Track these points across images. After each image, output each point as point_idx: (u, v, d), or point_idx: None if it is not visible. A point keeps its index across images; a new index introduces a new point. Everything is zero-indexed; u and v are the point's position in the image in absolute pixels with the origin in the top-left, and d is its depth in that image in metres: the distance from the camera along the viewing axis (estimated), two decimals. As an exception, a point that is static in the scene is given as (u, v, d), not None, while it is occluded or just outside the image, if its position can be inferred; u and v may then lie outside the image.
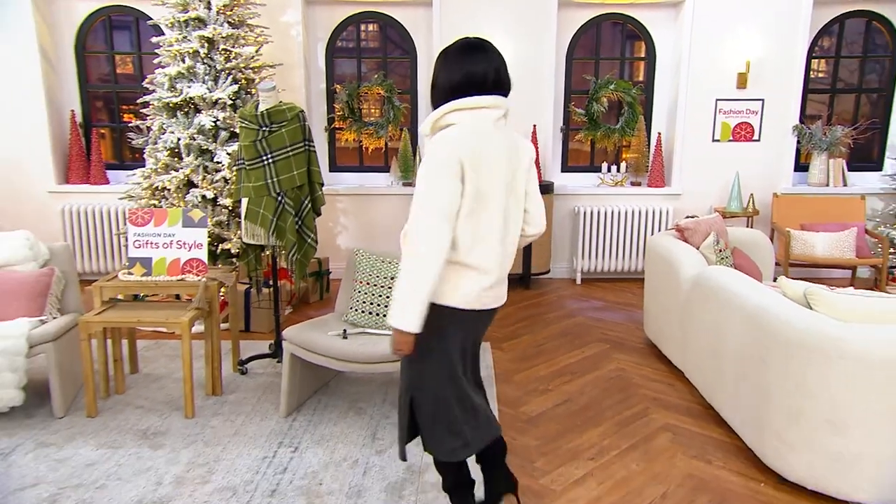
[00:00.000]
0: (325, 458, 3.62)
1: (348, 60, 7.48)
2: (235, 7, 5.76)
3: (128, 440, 3.83)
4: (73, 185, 7.21)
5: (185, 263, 4.27)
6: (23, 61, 6.95)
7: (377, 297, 4.25)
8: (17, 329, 3.92)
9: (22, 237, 4.42)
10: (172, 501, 3.23)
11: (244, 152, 4.45)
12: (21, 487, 3.36)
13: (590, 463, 3.64)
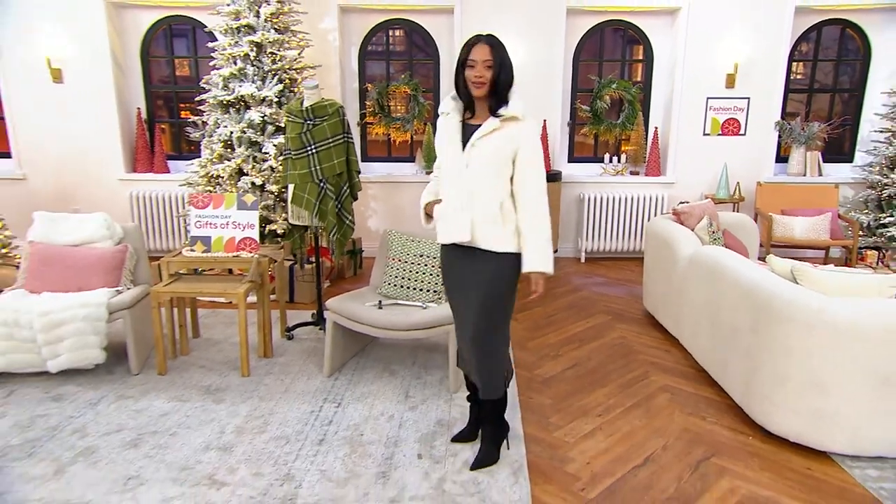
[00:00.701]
0: (364, 413, 3.66)
1: (378, 62, 7.46)
2: (281, 15, 5.75)
3: (193, 395, 3.88)
4: (139, 174, 7.28)
5: (239, 242, 4.31)
6: (97, 65, 7.00)
7: (408, 273, 4.27)
8: (99, 298, 3.99)
9: (100, 218, 4.47)
10: (234, 448, 3.29)
11: (290, 143, 4.46)
12: (108, 432, 3.45)
13: (598, 419, 3.66)
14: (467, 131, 2.80)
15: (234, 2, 5.65)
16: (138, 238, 4.61)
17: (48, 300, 3.93)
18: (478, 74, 2.69)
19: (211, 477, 3.02)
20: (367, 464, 3.14)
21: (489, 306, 2.89)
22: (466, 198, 2.80)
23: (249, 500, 2.84)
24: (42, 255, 4.24)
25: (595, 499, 2.92)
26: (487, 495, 2.91)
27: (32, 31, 6.88)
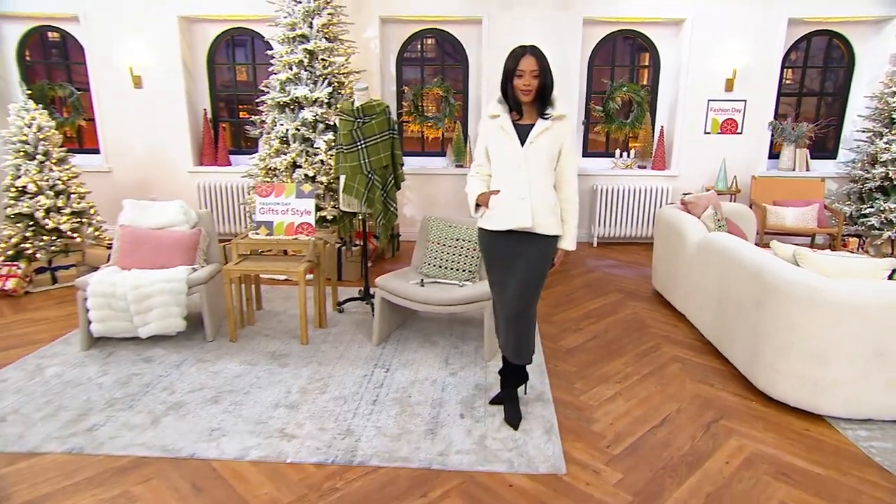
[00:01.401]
0: (410, 377, 3.69)
1: (413, 67, 7.43)
2: (331, 26, 5.75)
3: (261, 359, 3.93)
4: (205, 167, 7.33)
5: (297, 226, 4.33)
6: (171, 72, 7.05)
7: (446, 254, 4.29)
8: (180, 274, 4.05)
9: (178, 205, 4.52)
10: (300, 405, 3.33)
11: (342, 139, 4.47)
12: (192, 390, 3.52)
13: (617, 385, 3.67)
14: (520, 131, 2.84)
15: (291, 14, 5.65)
16: (209, 222, 4.66)
17: (138, 276, 3.99)
18: (526, 83, 2.76)
19: (282, 430, 3.07)
20: (416, 422, 3.17)
21: (532, 283, 2.96)
22: (527, 189, 2.84)
23: (316, 451, 2.89)
24: (131, 237, 4.30)
25: (619, 455, 2.94)
26: (524, 451, 2.93)
27: (118, 44, 6.94)
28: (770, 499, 2.63)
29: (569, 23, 6.85)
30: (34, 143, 5.37)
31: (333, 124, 5.73)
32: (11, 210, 5.36)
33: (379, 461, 2.82)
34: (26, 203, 5.32)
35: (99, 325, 3.94)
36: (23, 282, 5.19)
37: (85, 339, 4.04)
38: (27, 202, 5.33)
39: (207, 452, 2.86)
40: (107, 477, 2.70)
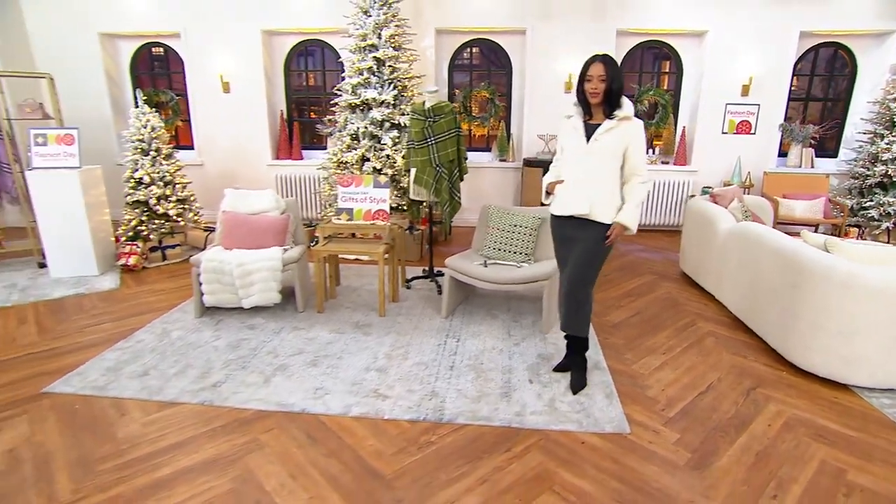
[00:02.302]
0: (480, 346, 3.66)
1: (462, 72, 7.33)
2: (397, 36, 5.67)
3: (347, 328, 3.94)
4: (281, 160, 7.35)
5: (374, 213, 4.32)
6: (253, 79, 7.07)
7: (505, 239, 4.24)
8: (276, 254, 4.06)
9: (270, 194, 4.53)
10: (388, 370, 3.33)
11: (414, 136, 4.44)
12: (292, 354, 3.54)
13: (663, 356, 3.61)
14: (588, 129, 2.80)
15: (363, 27, 5.59)
16: (296, 209, 4.66)
17: (242, 255, 4.01)
18: (593, 87, 2.72)
19: (376, 391, 3.07)
20: (491, 386, 3.15)
21: (586, 264, 2.94)
22: (587, 180, 2.80)
23: (408, 410, 2.89)
24: (232, 221, 4.32)
25: (673, 417, 2.89)
26: (590, 412, 2.90)
27: (211, 55, 6.98)
28: (813, 457, 2.58)
29: (603, 34, 6.69)
30: (148, 141, 5.43)
31: (398, 123, 5.69)
32: (130, 198, 5.45)
33: (464, 419, 2.81)
34: (142, 192, 5.40)
35: (210, 297, 3.98)
36: (141, 258, 5.27)
37: (198, 308, 4.09)
38: (143, 191, 5.40)
39: (315, 408, 2.88)
40: (236, 426, 2.74)
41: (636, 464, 2.51)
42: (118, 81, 7.40)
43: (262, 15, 6.82)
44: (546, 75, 6.85)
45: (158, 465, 2.44)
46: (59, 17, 6.95)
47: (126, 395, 3.01)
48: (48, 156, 4.81)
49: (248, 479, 2.35)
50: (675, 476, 2.43)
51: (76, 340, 3.75)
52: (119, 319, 4.11)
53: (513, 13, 6.68)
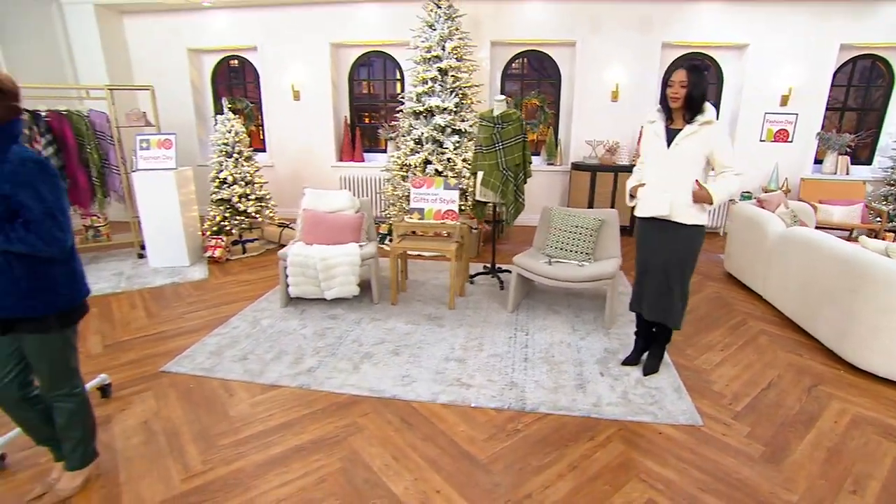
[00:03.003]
0: (548, 340, 3.62)
1: (513, 81, 7.26)
2: (459, 48, 5.63)
3: (422, 320, 3.93)
4: (344, 162, 7.39)
5: (444, 213, 4.30)
6: (321, 87, 7.13)
7: (566, 238, 4.17)
8: (355, 249, 4.08)
9: (346, 194, 4.56)
10: (466, 360, 3.32)
11: (482, 141, 4.40)
12: (375, 343, 3.54)
13: (721, 353, 3.52)
14: (670, 134, 2.72)
15: (428, 39, 5.57)
16: (369, 208, 4.68)
17: (324, 250, 4.04)
18: (674, 92, 2.65)
19: (458, 380, 3.06)
20: (565, 378, 3.10)
21: (675, 263, 2.85)
22: (668, 184, 2.74)
23: (492, 399, 2.87)
24: (312, 219, 4.36)
25: (742, 411, 2.81)
26: (663, 405, 2.84)
27: (284, 66, 7.06)
28: (885, 455, 2.48)
29: (649, 46, 6.55)
30: (232, 145, 5.52)
31: (459, 129, 5.66)
32: (215, 196, 5.55)
33: (546, 409, 2.77)
34: (226, 191, 5.49)
35: (294, 288, 4.02)
36: (225, 251, 5.36)
37: (283, 298, 4.14)
38: (226, 190, 5.49)
39: (406, 395, 2.88)
40: (334, 409, 2.75)
41: (714, 455, 2.45)
42: (201, 91, 7.55)
43: (331, 29, 6.85)
44: (594, 85, 6.73)
45: (271, 443, 2.48)
46: (154, 36, 7.15)
47: (231, 377, 3.06)
48: (150, 158, 4.92)
49: (354, 460, 2.37)
50: (753, 468, 2.36)
51: (179, 325, 3.83)
52: (213, 307, 4.18)
53: (564, 26, 6.57)
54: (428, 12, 5.63)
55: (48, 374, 1.99)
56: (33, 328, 1.89)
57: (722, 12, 6.35)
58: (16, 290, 1.81)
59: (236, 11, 6.92)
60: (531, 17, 6.59)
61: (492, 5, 6.56)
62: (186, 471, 2.28)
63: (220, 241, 5.34)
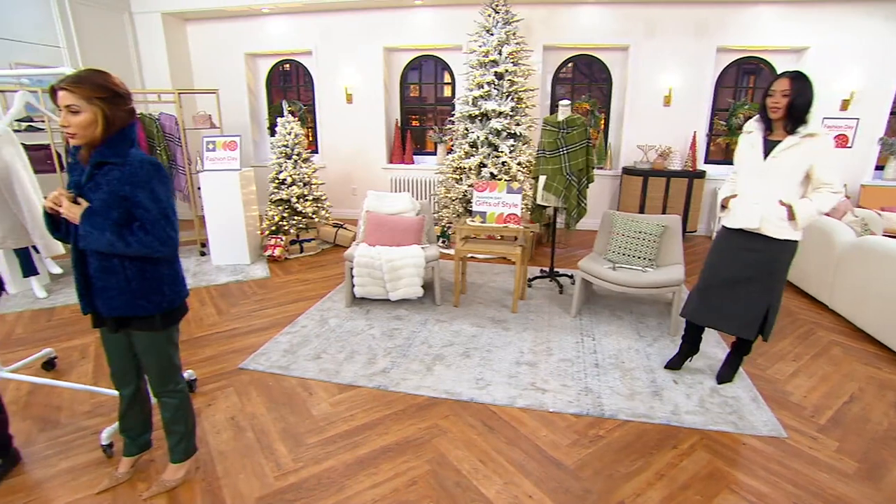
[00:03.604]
0: (616, 346, 3.56)
1: (562, 85, 7.18)
2: (516, 52, 5.60)
3: (486, 323, 3.91)
4: (395, 164, 7.42)
5: (506, 217, 4.27)
6: (373, 91, 7.18)
7: (629, 244, 4.10)
8: (419, 252, 4.09)
9: (407, 196, 4.57)
10: (537, 364, 3.29)
11: (546, 146, 4.37)
12: (444, 345, 3.54)
13: (793, 363, 3.41)
14: (767, 145, 2.62)
15: (486, 44, 5.56)
16: (428, 210, 4.68)
17: (390, 251, 4.06)
18: (775, 101, 2.53)
19: (533, 384, 3.03)
20: (638, 385, 3.05)
21: (765, 276, 2.74)
22: (761, 196, 2.64)
23: (569, 404, 2.83)
24: (375, 221, 4.38)
25: (826, 425, 2.72)
26: (742, 414, 2.77)
27: (338, 70, 7.14)
28: None
29: (704, 50, 6.40)
30: (291, 146, 5.59)
31: (515, 133, 5.63)
32: (274, 196, 5.63)
33: (625, 416, 2.73)
34: (284, 192, 5.56)
35: (360, 289, 4.05)
36: (284, 250, 5.44)
37: (349, 298, 4.17)
38: (285, 191, 5.57)
39: (482, 398, 2.87)
40: (414, 411, 2.76)
41: (804, 469, 2.37)
42: (255, 94, 7.69)
43: (385, 33, 6.90)
44: (646, 89, 6.62)
45: (357, 443, 2.49)
46: (214, 41, 7.32)
47: (308, 375, 3.09)
48: (216, 159, 5.03)
49: (442, 462, 2.36)
50: (849, 485, 2.28)
51: (249, 323, 3.89)
52: (279, 305, 4.24)
53: (617, 30, 6.48)
54: (485, 17, 5.61)
55: (156, 370, 2.04)
56: (143, 326, 1.94)
57: (781, 15, 6.17)
58: (128, 290, 1.86)
59: (293, 17, 7.03)
60: (584, 21, 6.52)
61: (544, 9, 6.51)
62: (279, 468, 2.31)
63: (280, 240, 5.42)
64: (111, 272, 1.82)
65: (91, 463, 2.36)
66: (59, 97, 1.69)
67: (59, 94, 1.69)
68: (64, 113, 1.69)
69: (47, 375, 3.12)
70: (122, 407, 2.18)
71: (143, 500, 2.13)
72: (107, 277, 1.83)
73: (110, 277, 1.82)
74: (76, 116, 1.68)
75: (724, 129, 6.86)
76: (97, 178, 1.76)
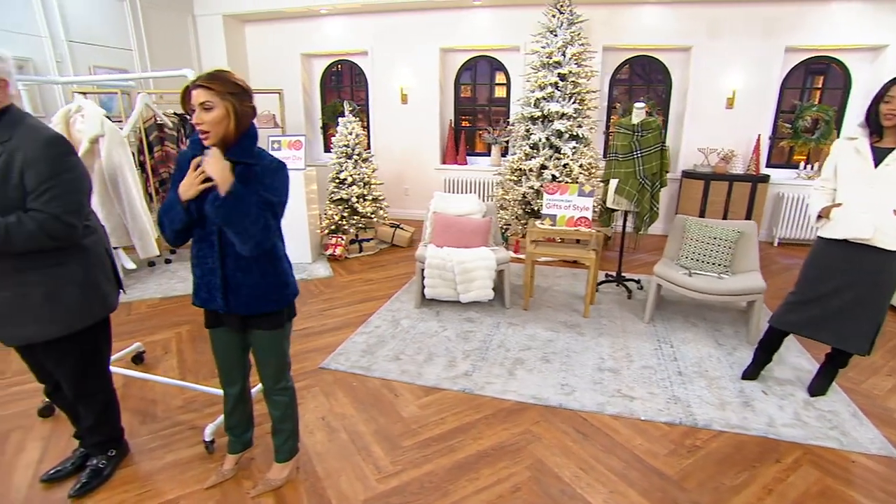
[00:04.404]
0: (696, 354, 3.49)
1: (621, 87, 7.08)
2: (580, 54, 5.53)
3: (559, 327, 3.87)
4: (448, 165, 7.42)
5: (577, 220, 4.22)
6: (428, 91, 7.21)
7: (703, 249, 4.00)
8: (490, 254, 4.08)
9: (474, 198, 4.56)
10: (620, 371, 3.24)
11: (619, 149, 4.31)
12: (521, 349, 3.51)
13: (889, 378, 3.28)
14: (877, 153, 2.52)
15: (550, 45, 5.51)
16: (494, 212, 4.66)
17: (461, 253, 4.05)
18: (891, 108, 2.43)
19: (619, 391, 2.99)
20: (726, 395, 2.98)
21: (874, 289, 2.64)
22: (871, 205, 2.53)
23: (659, 412, 2.78)
24: (442, 222, 4.38)
25: (938, 445, 2.59)
26: (845, 430, 2.67)
27: (393, 70, 7.19)
28: None
29: (771, 50, 6.22)
30: (352, 146, 5.64)
31: (577, 134, 5.57)
32: (334, 195, 5.69)
33: (719, 427, 2.66)
34: (344, 191, 5.62)
35: (430, 290, 4.05)
36: (345, 250, 5.50)
37: (418, 299, 4.19)
38: (345, 190, 5.62)
39: (570, 404, 2.84)
40: (504, 416, 2.74)
41: (924, 492, 2.27)
42: (310, 93, 7.80)
43: (442, 34, 6.91)
44: (708, 91, 6.47)
45: (453, 447, 2.49)
46: (272, 42, 7.47)
47: (390, 377, 3.11)
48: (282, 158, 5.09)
49: (541, 469, 2.34)
50: (973, 509, 2.17)
51: (322, 322, 3.94)
52: (348, 305, 4.28)
53: (680, 31, 6.36)
54: (549, 18, 5.57)
55: (273, 368, 2.07)
56: (269, 323, 1.97)
57: (858, 12, 5.94)
58: (263, 286, 1.89)
59: (351, 17, 7.10)
60: (646, 21, 6.41)
61: (604, 10, 6.42)
62: (379, 471, 2.32)
63: (340, 239, 5.47)
64: (248, 270, 1.86)
65: (194, 458, 2.42)
66: (194, 95, 1.71)
67: (193, 93, 1.72)
68: (198, 111, 1.71)
69: (137, 369, 3.21)
70: (228, 406, 2.21)
71: (250, 498, 2.16)
72: (243, 276, 1.86)
73: (247, 275, 1.86)
74: (209, 113, 1.70)
75: (788, 132, 6.65)
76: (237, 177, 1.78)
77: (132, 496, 2.18)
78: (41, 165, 1.75)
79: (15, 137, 1.76)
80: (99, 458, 2.31)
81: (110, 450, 2.34)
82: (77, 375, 2.10)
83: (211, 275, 1.87)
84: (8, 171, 1.73)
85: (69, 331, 1.96)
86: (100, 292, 2.05)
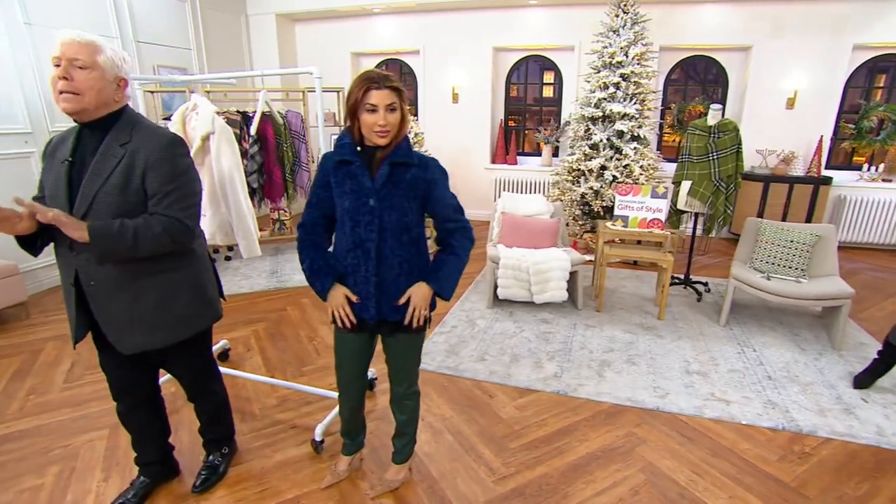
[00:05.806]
0: (781, 358, 3.47)
1: (674, 87, 7.03)
2: (642, 55, 5.51)
3: (637, 330, 3.87)
4: (498, 164, 7.44)
5: (649, 221, 4.21)
6: (480, 90, 7.23)
7: (778, 253, 3.97)
8: (564, 255, 4.09)
9: (541, 198, 4.59)
10: (708, 374, 3.23)
11: (693, 151, 4.31)
12: (604, 351, 3.52)
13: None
14: None
15: (612, 45, 5.50)
16: (561, 212, 4.68)
17: (534, 254, 4.07)
18: None
19: (712, 394, 2.99)
20: (824, 401, 2.96)
21: None
22: None
23: (758, 417, 2.78)
24: (511, 222, 4.42)
25: None
26: (955, 440, 2.62)
27: (445, 69, 7.24)
28: None
29: (838, 48, 6.12)
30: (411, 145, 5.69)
31: (638, 135, 5.56)
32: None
33: (825, 434, 2.65)
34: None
35: (504, 290, 4.09)
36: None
37: (491, 299, 4.23)
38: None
39: (668, 407, 2.85)
40: (603, 418, 2.77)
41: None
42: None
43: (494, 33, 6.93)
44: (768, 91, 6.39)
45: (561, 448, 2.52)
46: (322, 41, 7.56)
47: (480, 377, 3.15)
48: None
49: (655, 472, 2.36)
50: None
51: (397, 321, 3.99)
52: (418, 304, 4.32)
53: (740, 30, 6.29)
54: (612, 17, 5.56)
55: (407, 371, 2.10)
56: (422, 326, 1.99)
57: (932, 9, 5.83)
58: None
59: (402, 16, 7.16)
60: (705, 21, 6.36)
61: (661, 9, 6.38)
62: (492, 472, 2.36)
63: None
64: (407, 274, 1.89)
65: (303, 458, 2.47)
66: (379, 96, 1.68)
67: (376, 93, 1.68)
68: (382, 111, 1.69)
69: (225, 366, 3.29)
70: (346, 409, 2.21)
71: (370, 498, 2.21)
72: (398, 281, 1.89)
73: (402, 278, 1.89)
74: (394, 114, 1.73)
75: (851, 133, 6.55)
76: (395, 178, 1.81)
77: (252, 494, 2.24)
78: (164, 167, 1.74)
79: (134, 139, 1.74)
80: (214, 455, 2.38)
81: (224, 447, 2.42)
82: (195, 377, 2.18)
83: (365, 283, 1.88)
84: (130, 174, 1.71)
85: (184, 336, 1.96)
86: (207, 297, 2.04)
